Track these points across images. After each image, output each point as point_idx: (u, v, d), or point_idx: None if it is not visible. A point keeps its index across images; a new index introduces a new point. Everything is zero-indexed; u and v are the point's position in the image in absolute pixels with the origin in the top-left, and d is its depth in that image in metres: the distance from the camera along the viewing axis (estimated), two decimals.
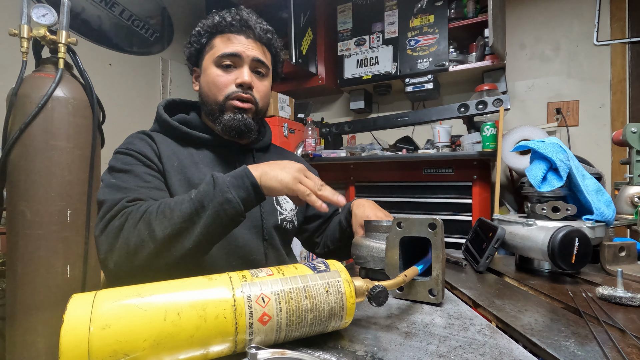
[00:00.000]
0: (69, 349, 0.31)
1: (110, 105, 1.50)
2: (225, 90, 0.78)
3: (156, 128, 0.83)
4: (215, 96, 0.78)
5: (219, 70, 0.78)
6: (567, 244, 0.63)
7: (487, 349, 0.40)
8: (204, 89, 0.81)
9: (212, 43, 0.80)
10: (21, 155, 1.07)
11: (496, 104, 1.78)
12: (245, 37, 0.79)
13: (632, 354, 0.39)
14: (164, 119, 0.81)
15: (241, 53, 0.78)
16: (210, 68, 0.79)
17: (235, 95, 0.77)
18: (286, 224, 0.86)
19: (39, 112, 1.07)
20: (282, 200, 0.88)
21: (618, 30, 2.04)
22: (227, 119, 0.77)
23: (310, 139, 2.25)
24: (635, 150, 1.02)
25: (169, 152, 0.76)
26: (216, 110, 0.79)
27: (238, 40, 0.78)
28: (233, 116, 0.77)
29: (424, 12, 2.22)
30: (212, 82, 0.78)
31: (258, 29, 0.80)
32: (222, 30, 0.79)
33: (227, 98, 0.77)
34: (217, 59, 0.78)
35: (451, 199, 1.83)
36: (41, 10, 1.12)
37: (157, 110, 0.84)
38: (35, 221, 1.07)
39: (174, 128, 0.80)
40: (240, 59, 0.78)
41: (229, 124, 0.77)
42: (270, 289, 0.39)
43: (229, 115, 0.78)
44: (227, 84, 0.78)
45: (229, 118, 0.77)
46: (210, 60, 0.79)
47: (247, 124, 0.79)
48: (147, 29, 2.54)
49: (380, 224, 0.66)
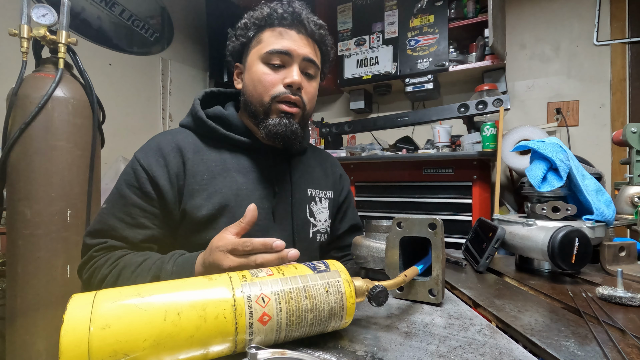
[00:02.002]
0: (69, 349, 0.31)
1: (110, 105, 1.50)
2: (273, 90, 0.70)
3: (189, 124, 0.76)
4: (260, 96, 0.71)
5: (266, 68, 0.70)
6: (567, 244, 0.63)
7: (487, 349, 0.40)
8: (249, 87, 0.73)
9: (260, 37, 0.72)
10: (21, 155, 1.08)
11: (496, 104, 1.78)
12: (297, 32, 0.72)
13: (632, 354, 0.39)
14: (199, 116, 0.74)
15: (292, 51, 0.70)
16: (257, 65, 0.71)
17: (284, 96, 0.70)
18: (320, 237, 0.81)
19: (39, 112, 1.07)
20: (316, 211, 0.81)
21: (618, 30, 2.04)
22: (272, 124, 0.70)
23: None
24: (635, 150, 1.02)
25: (199, 163, 0.70)
26: (260, 113, 0.72)
27: (289, 36, 0.71)
28: (279, 121, 0.70)
29: (424, 12, 2.22)
30: (257, 81, 0.71)
31: (312, 24, 0.73)
32: (272, 23, 0.71)
33: (273, 99, 0.70)
34: (265, 55, 0.70)
35: (451, 199, 1.83)
36: (41, 10, 1.12)
37: (193, 103, 0.76)
38: (35, 221, 1.07)
39: (209, 129, 0.73)
40: (290, 58, 0.70)
41: (274, 129, 0.70)
42: (270, 289, 0.39)
43: (275, 120, 0.70)
44: (275, 83, 0.70)
45: (275, 123, 0.70)
46: (256, 55, 0.72)
47: (294, 130, 0.71)
48: (147, 29, 2.54)
49: (380, 223, 0.66)
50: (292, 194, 0.77)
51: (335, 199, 0.88)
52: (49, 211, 1.09)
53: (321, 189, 0.84)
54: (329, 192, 0.86)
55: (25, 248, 1.07)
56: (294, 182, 0.79)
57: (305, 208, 0.79)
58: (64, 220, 1.11)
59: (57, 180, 1.11)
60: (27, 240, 1.07)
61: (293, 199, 0.77)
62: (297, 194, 0.78)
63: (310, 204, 0.81)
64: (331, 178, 0.90)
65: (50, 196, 1.09)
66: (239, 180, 0.71)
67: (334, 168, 0.93)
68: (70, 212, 1.13)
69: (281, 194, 0.76)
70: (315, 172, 0.85)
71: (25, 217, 1.07)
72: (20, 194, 1.08)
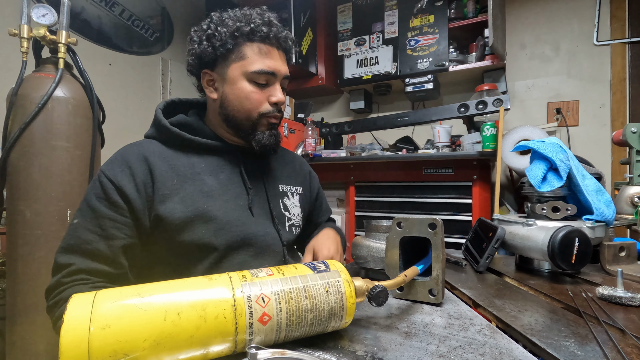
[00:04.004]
0: (69, 349, 0.31)
1: (110, 105, 1.50)
2: (260, 108, 0.74)
3: (153, 134, 0.78)
4: (248, 112, 0.74)
5: (253, 87, 0.73)
6: (567, 244, 0.63)
7: (487, 349, 0.40)
8: (233, 103, 0.75)
9: (242, 51, 0.73)
10: (21, 155, 1.08)
11: (496, 104, 1.78)
12: (277, 49, 0.75)
13: (632, 354, 0.39)
14: (162, 124, 0.75)
15: (277, 71, 0.74)
16: (241, 81, 0.73)
17: (273, 115, 0.75)
18: (295, 229, 0.84)
19: (39, 112, 1.07)
20: (290, 206, 0.85)
21: (618, 30, 2.04)
22: (264, 137, 0.75)
23: (310, 139, 2.26)
24: (635, 150, 1.02)
25: (167, 169, 0.70)
26: (247, 127, 0.75)
27: (273, 55, 0.74)
28: (269, 134, 0.76)
29: (424, 12, 2.22)
30: (245, 98, 0.74)
31: (289, 41, 0.78)
32: (253, 39, 0.73)
33: (262, 116, 0.75)
34: (251, 74, 0.72)
35: (451, 199, 1.83)
36: (41, 10, 1.12)
37: (155, 113, 0.78)
38: (35, 221, 1.07)
39: (174, 135, 0.75)
40: (274, 77, 0.75)
41: (266, 142, 0.75)
42: (270, 289, 0.39)
43: (265, 133, 0.76)
44: (262, 101, 0.74)
45: (267, 136, 0.76)
46: (240, 71, 0.73)
47: (279, 139, 0.79)
48: (147, 29, 2.54)
49: (380, 223, 0.66)
50: (266, 189, 0.81)
51: (305, 195, 0.92)
52: (49, 211, 1.09)
53: (291, 185, 0.88)
54: (299, 188, 0.90)
55: (25, 248, 1.07)
56: (266, 178, 0.82)
57: (279, 202, 0.82)
58: (64, 220, 1.11)
59: (57, 180, 1.11)
60: (27, 240, 1.07)
61: (268, 194, 0.80)
62: (271, 190, 0.82)
63: (284, 199, 0.84)
64: (300, 175, 0.94)
65: (50, 196, 1.09)
66: (209, 182, 0.73)
67: (302, 166, 0.97)
68: (70, 212, 1.13)
69: (255, 190, 0.79)
70: (285, 169, 0.90)
71: (25, 217, 1.07)
72: (20, 194, 1.08)
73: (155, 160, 0.70)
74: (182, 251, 0.68)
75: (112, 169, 0.68)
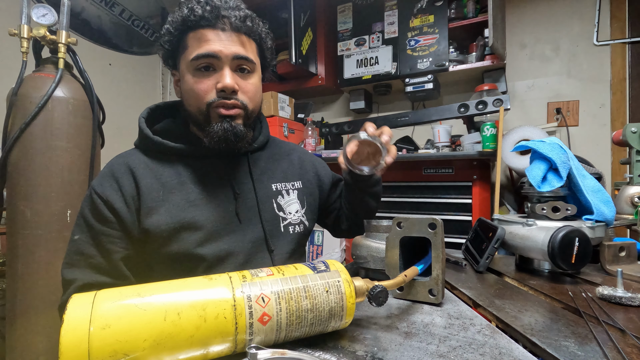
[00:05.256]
0: (69, 349, 0.31)
1: (110, 105, 1.50)
2: (206, 97, 0.67)
3: (138, 143, 0.75)
4: (197, 105, 0.69)
5: (196, 77, 0.68)
6: (567, 244, 0.63)
7: (487, 349, 0.40)
8: (185, 97, 0.71)
9: (184, 42, 0.69)
10: (21, 155, 1.08)
11: (496, 104, 1.78)
12: (221, 31, 0.67)
13: (632, 354, 0.39)
14: (145, 134, 0.72)
15: (217, 52, 0.66)
16: (186, 74, 0.69)
17: (218, 102, 0.67)
18: (293, 228, 0.80)
19: (39, 112, 1.07)
20: (285, 205, 0.81)
21: (618, 30, 2.04)
22: (214, 131, 0.68)
23: (310, 139, 2.26)
24: (635, 150, 1.02)
25: (152, 181, 0.68)
26: (202, 121, 0.70)
27: (214, 36, 0.66)
28: (220, 126, 0.68)
29: (424, 12, 2.22)
30: (190, 90, 0.68)
31: (233, 18, 0.67)
32: (193, 25, 0.67)
33: (209, 106, 0.68)
34: (191, 62, 0.67)
35: (451, 199, 1.83)
36: (41, 10, 1.12)
37: (139, 122, 0.74)
38: (35, 221, 1.07)
39: (156, 144, 0.71)
40: (218, 60, 0.67)
41: (216, 136, 0.68)
42: (270, 289, 0.39)
43: (217, 126, 0.68)
44: (208, 90, 0.67)
45: (217, 129, 0.68)
46: (185, 64, 0.69)
47: (237, 132, 0.69)
48: (147, 29, 2.54)
49: (380, 223, 0.66)
50: (256, 192, 0.76)
51: (307, 187, 0.87)
52: (49, 211, 1.09)
53: (287, 181, 0.83)
54: (297, 182, 0.85)
55: (25, 248, 1.07)
56: (256, 179, 0.78)
57: (272, 204, 0.78)
58: (64, 220, 1.11)
59: (57, 180, 1.11)
60: (27, 240, 1.07)
61: (257, 196, 0.76)
62: (262, 191, 0.78)
63: (277, 199, 0.80)
64: (298, 167, 0.88)
65: (50, 196, 1.09)
66: (195, 189, 0.70)
67: (303, 156, 0.91)
68: (70, 212, 1.13)
69: (243, 195, 0.75)
70: (279, 166, 0.84)
71: (25, 217, 1.07)
72: (20, 194, 1.08)
73: (141, 172, 0.68)
74: (171, 262, 0.67)
75: (101, 184, 0.67)
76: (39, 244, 1.08)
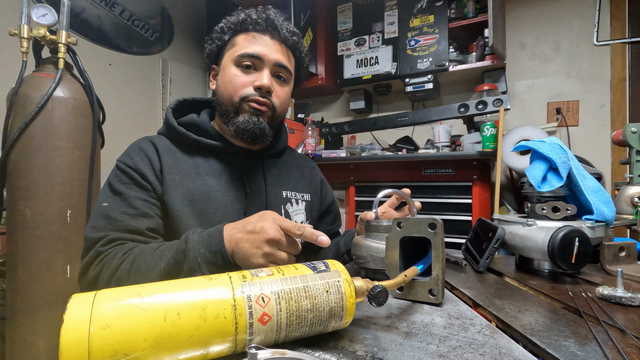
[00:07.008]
0: (69, 349, 0.31)
1: (110, 105, 1.50)
2: (242, 91, 0.73)
3: (163, 132, 0.80)
4: (231, 96, 0.74)
5: (238, 70, 0.74)
6: (567, 244, 0.63)
7: (487, 349, 0.40)
8: (220, 88, 0.76)
9: (234, 40, 0.76)
10: (21, 155, 1.08)
11: (496, 104, 1.78)
12: (270, 38, 0.75)
13: (632, 354, 0.39)
14: (170, 123, 0.77)
15: (263, 56, 0.73)
16: (229, 67, 0.75)
17: (253, 98, 0.73)
18: None
19: (39, 112, 1.07)
20: (292, 213, 0.83)
21: (618, 30, 2.04)
22: (241, 121, 0.73)
23: (310, 139, 2.26)
24: (635, 150, 1.02)
25: (172, 164, 0.73)
26: (231, 111, 0.75)
27: (262, 41, 0.74)
28: (248, 118, 0.73)
29: (424, 12, 2.22)
30: (228, 82, 0.74)
31: (284, 30, 0.76)
32: (247, 28, 0.75)
33: (243, 100, 0.73)
34: (237, 58, 0.74)
35: (451, 199, 1.83)
36: (41, 10, 1.12)
37: (166, 112, 0.80)
38: (35, 221, 1.07)
39: (180, 134, 0.76)
40: (261, 62, 0.74)
41: (242, 126, 0.73)
42: (270, 289, 0.39)
43: (244, 117, 0.73)
44: (245, 85, 0.73)
45: (244, 120, 0.73)
46: (230, 58, 0.75)
47: (262, 128, 0.74)
48: (147, 29, 2.54)
49: (380, 223, 0.66)
50: (267, 195, 0.79)
51: (314, 202, 0.90)
52: (49, 211, 1.09)
53: (297, 191, 0.86)
54: (306, 195, 0.88)
55: (25, 248, 1.07)
56: (268, 183, 0.81)
57: (280, 210, 0.81)
58: (64, 220, 1.11)
59: (57, 180, 1.11)
60: (27, 240, 1.07)
61: (267, 200, 0.79)
62: (272, 195, 0.80)
63: (286, 206, 0.82)
64: (309, 181, 0.91)
65: (50, 196, 1.09)
66: (210, 182, 0.74)
67: (313, 172, 0.95)
68: (70, 212, 1.13)
69: (254, 195, 0.77)
70: (292, 175, 0.87)
71: (25, 217, 1.07)
72: (20, 193, 1.08)
73: (165, 153, 0.74)
74: None
75: (131, 158, 0.72)
76: (39, 244, 1.08)
